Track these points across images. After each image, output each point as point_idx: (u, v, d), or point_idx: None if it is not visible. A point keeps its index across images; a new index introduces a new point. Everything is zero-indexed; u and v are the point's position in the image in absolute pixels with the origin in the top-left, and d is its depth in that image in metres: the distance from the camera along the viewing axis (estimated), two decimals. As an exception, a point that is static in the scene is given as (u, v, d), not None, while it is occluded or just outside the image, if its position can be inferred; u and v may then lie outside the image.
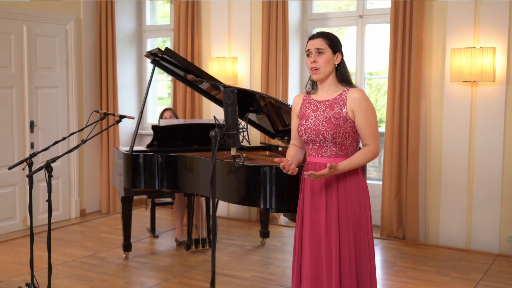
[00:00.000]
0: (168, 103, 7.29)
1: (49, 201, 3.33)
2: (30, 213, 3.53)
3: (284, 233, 5.57)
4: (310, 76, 2.82)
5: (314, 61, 2.72)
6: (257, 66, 5.94)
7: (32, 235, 3.58)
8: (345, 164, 2.66)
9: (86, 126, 3.67)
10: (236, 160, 2.75)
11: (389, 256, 4.85)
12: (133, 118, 3.88)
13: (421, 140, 5.15)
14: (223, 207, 6.16)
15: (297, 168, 2.74)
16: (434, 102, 5.12)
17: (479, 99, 4.91)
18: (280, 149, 4.95)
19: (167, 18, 6.99)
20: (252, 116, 4.94)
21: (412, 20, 5.06)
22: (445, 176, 5.08)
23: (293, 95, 5.92)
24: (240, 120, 2.63)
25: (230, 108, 2.48)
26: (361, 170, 2.78)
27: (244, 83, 6.02)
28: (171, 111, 5.39)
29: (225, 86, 4.48)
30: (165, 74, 7.17)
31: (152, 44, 7.08)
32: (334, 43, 2.74)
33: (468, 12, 4.89)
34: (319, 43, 2.72)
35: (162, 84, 7.41)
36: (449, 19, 4.98)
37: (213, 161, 2.31)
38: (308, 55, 2.77)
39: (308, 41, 2.78)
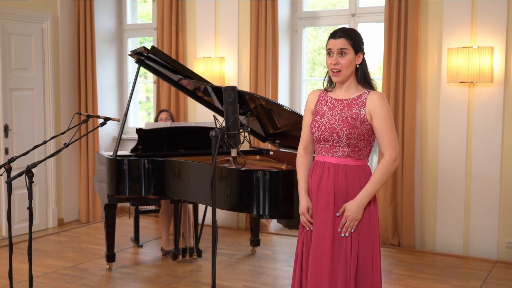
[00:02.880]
0: (148, 107, 7.27)
1: (30, 208, 3.31)
2: (8, 222, 3.50)
3: (275, 241, 5.59)
4: (327, 73, 2.80)
5: (336, 63, 2.72)
6: (245, 66, 5.95)
7: (11, 246, 3.54)
8: (369, 189, 2.68)
9: (68, 129, 3.65)
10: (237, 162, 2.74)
11: (385, 264, 4.89)
12: (118, 120, 3.87)
13: (417, 143, 5.20)
14: (210, 214, 6.15)
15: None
16: (430, 104, 5.18)
17: (477, 100, 4.97)
18: (271, 153, 4.96)
19: (149, 17, 6.98)
20: (241, 118, 4.94)
21: (407, 18, 5.12)
22: (442, 180, 5.13)
23: (283, 97, 5.95)
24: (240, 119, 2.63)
25: (230, 106, 2.49)
26: (369, 167, 2.80)
27: (231, 84, 6.01)
28: (168, 112, 5.37)
29: (214, 86, 4.49)
30: (143, 77, 7.18)
31: (133, 44, 7.07)
32: (357, 43, 2.74)
33: (465, 10, 4.96)
34: (342, 43, 2.71)
35: (141, 87, 7.38)
36: (446, 17, 5.05)
37: (213, 163, 2.32)
38: (329, 54, 2.75)
39: (329, 39, 2.75)
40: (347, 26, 5.82)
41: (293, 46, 6.06)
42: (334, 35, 2.75)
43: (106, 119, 3.70)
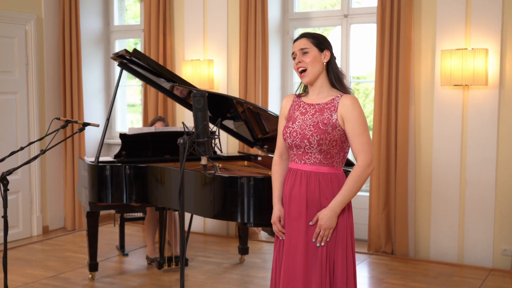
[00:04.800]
0: (141, 110, 7.29)
1: (5, 217, 3.33)
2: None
3: (265, 249, 5.60)
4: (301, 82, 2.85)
5: (300, 61, 2.76)
6: (234, 69, 5.98)
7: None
8: (339, 203, 2.69)
9: (47, 135, 3.67)
10: (208, 170, 2.76)
11: (377, 272, 4.91)
12: (97, 125, 3.89)
13: (410, 148, 5.22)
14: (199, 222, 6.17)
15: None
16: (424, 108, 5.20)
17: (471, 103, 5.00)
18: (259, 158, 4.98)
19: (138, 18, 7.00)
20: (229, 123, 4.97)
21: (400, 19, 5.14)
22: (436, 186, 5.15)
23: (274, 100, 5.97)
24: (212, 126, 2.65)
25: (200, 113, 2.51)
26: (343, 174, 2.81)
27: (220, 88, 6.05)
28: (163, 122, 5.27)
29: (197, 90, 4.51)
30: (137, 79, 7.18)
31: (121, 45, 7.09)
32: (319, 41, 2.78)
33: (459, 11, 4.98)
34: (303, 43, 2.77)
35: (134, 90, 7.41)
36: (439, 18, 5.07)
37: (181, 171, 2.34)
38: (294, 58, 2.80)
39: (293, 45, 2.83)
40: (339, 27, 5.90)
41: (284, 48, 6.09)
42: (296, 39, 2.83)
43: (85, 124, 3.72)
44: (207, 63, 5.96)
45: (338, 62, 5.75)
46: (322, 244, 2.69)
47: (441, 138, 5.12)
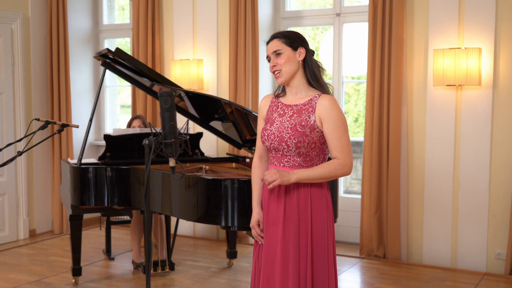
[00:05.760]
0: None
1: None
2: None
3: (255, 253, 5.56)
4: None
5: (274, 65, 2.71)
6: (224, 69, 5.95)
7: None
8: (301, 174, 2.62)
9: (25, 136, 3.64)
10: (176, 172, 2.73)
11: (368, 276, 4.87)
12: (77, 126, 3.86)
13: (403, 149, 5.19)
14: (189, 225, 6.14)
15: None
16: (416, 108, 5.17)
17: (464, 104, 4.96)
18: (247, 160, 4.96)
19: (127, 17, 6.97)
20: (217, 124, 4.94)
21: (392, 18, 5.11)
22: (429, 188, 5.12)
23: (264, 101, 5.93)
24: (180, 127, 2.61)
25: (167, 113, 2.47)
26: (326, 183, 2.77)
27: (210, 88, 6.02)
28: (141, 119, 5.29)
29: (185, 91, 4.48)
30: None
31: (110, 45, 7.07)
32: (291, 40, 2.71)
33: (451, 10, 4.96)
34: (275, 44, 2.71)
35: (127, 90, 7.36)
36: (432, 16, 5.04)
37: (146, 173, 2.30)
38: (268, 61, 2.76)
39: (266, 47, 2.78)
40: (331, 26, 5.87)
41: (275, 48, 6.04)
42: (268, 41, 2.78)
43: (64, 125, 3.69)
44: (196, 63, 5.93)
45: (330, 62, 5.79)
46: (260, 181, 2.72)
47: (434, 140, 5.09)
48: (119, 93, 7.45)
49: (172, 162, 2.56)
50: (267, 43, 2.77)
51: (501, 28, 4.82)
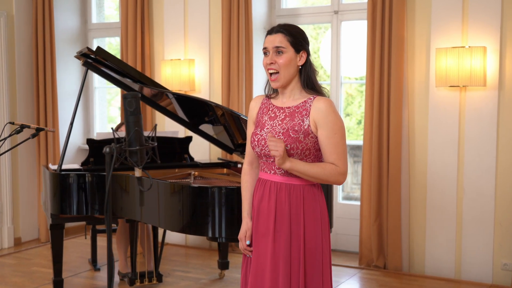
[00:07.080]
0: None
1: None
2: None
3: (248, 263, 5.40)
4: (268, 80, 2.62)
5: (272, 62, 2.54)
6: (217, 69, 5.80)
7: None
8: (296, 164, 2.46)
9: (1, 140, 3.49)
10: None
11: (367, 289, 4.72)
12: (53, 131, 3.70)
13: (404, 154, 5.04)
14: (181, 234, 5.98)
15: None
16: (418, 110, 5.03)
17: (469, 106, 4.82)
18: (239, 166, 4.80)
19: (117, 15, 6.83)
20: (207, 128, 4.78)
21: (392, 15, 4.98)
22: (431, 195, 4.97)
23: (259, 103, 5.78)
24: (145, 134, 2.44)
25: (132, 117, 2.30)
26: (319, 186, 2.61)
27: (202, 89, 5.87)
28: None
29: (172, 93, 4.33)
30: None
31: (99, 44, 6.90)
32: (297, 40, 2.54)
33: (455, 7, 4.82)
34: (279, 39, 2.52)
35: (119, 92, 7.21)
36: (434, 14, 4.91)
37: (107, 182, 2.14)
38: (265, 54, 2.58)
39: (266, 36, 2.60)
40: (328, 24, 5.72)
41: (271, 47, 5.89)
42: (270, 31, 2.58)
43: (38, 129, 3.54)
44: (187, 63, 5.78)
45: (328, 62, 5.64)
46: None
47: (436, 144, 4.94)
48: (117, 95, 7.29)
49: (138, 172, 2.39)
50: (270, 33, 2.57)
51: (507, 25, 4.68)
